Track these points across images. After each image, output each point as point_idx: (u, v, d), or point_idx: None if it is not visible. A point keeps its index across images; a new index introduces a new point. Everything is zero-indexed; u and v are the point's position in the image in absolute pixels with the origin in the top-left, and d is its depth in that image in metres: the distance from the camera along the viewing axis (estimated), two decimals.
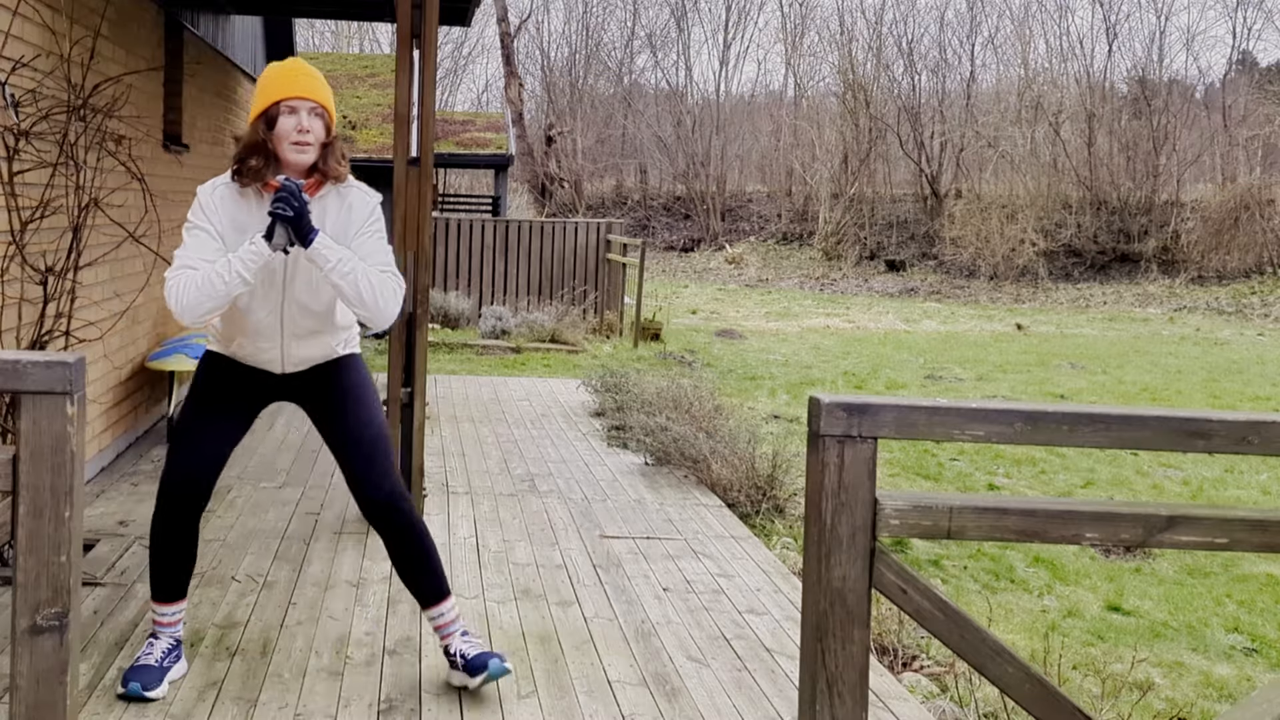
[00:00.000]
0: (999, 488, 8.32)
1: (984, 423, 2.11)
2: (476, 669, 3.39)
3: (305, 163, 3.23)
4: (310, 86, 3.24)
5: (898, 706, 3.55)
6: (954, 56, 34.02)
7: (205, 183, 3.32)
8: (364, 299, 3.16)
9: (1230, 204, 26.60)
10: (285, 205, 3.09)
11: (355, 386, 3.47)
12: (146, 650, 3.44)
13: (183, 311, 3.12)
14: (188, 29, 7.74)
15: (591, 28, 37.96)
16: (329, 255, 3.14)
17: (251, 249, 3.13)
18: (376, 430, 3.42)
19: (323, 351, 3.46)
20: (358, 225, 3.29)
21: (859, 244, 30.11)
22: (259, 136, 3.22)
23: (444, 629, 3.51)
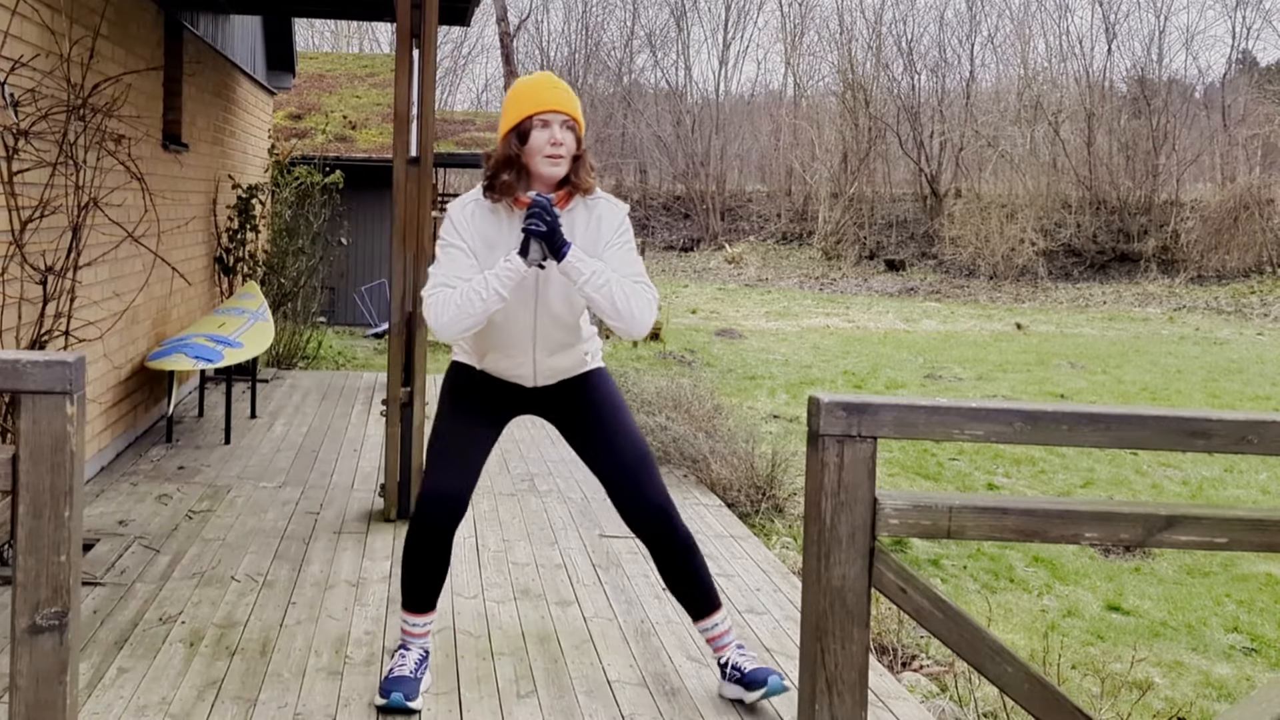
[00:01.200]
0: (998, 487, 8.32)
1: (983, 422, 2.11)
2: (755, 684, 3.35)
3: (558, 176, 3.20)
4: (562, 100, 3.21)
5: (897, 706, 3.55)
6: (953, 56, 34.06)
7: (455, 200, 3.31)
8: (619, 310, 3.14)
9: (1230, 204, 26.61)
10: (539, 221, 3.07)
11: (609, 400, 3.46)
12: (400, 662, 3.44)
13: (442, 329, 3.13)
14: (187, 29, 7.74)
15: (591, 27, 37.99)
16: (582, 268, 3.12)
17: (507, 266, 3.12)
18: (638, 443, 3.40)
19: (573, 363, 3.45)
20: (607, 236, 3.27)
21: (858, 243, 30.11)
22: (512, 151, 3.19)
23: (717, 641, 3.48)
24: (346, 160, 14.59)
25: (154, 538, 4.96)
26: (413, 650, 3.48)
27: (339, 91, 18.24)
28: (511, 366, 3.40)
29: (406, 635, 3.50)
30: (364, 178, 14.72)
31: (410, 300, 5.35)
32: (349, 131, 16.57)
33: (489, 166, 3.25)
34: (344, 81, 18.83)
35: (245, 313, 7.94)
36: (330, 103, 17.64)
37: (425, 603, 3.48)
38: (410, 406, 5.38)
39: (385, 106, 16.87)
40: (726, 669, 3.46)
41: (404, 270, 5.33)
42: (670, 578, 3.45)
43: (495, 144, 3.31)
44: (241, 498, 5.69)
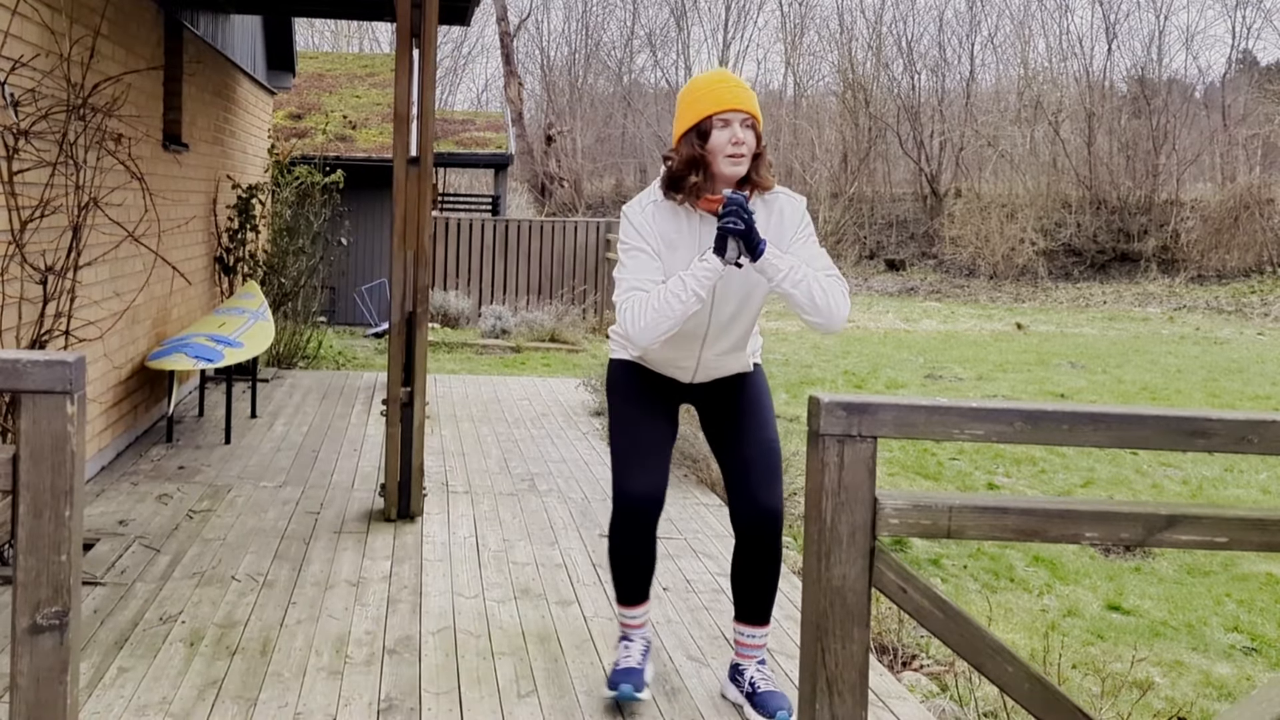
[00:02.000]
0: (999, 487, 8.32)
1: (984, 422, 2.11)
2: (764, 708, 3.33)
3: (739, 175, 3.18)
4: (742, 99, 3.19)
5: (897, 705, 3.55)
6: (953, 56, 34.03)
7: (630, 202, 3.29)
8: (817, 304, 3.11)
9: (1230, 203, 26.60)
10: (736, 219, 3.04)
11: (755, 401, 3.46)
12: (624, 653, 3.48)
13: (640, 334, 3.10)
14: (187, 28, 7.74)
15: (591, 27, 37.97)
16: (779, 265, 3.10)
17: (705, 266, 3.09)
18: (770, 447, 3.39)
19: (735, 365, 3.45)
20: (791, 231, 3.25)
21: (858, 243, 30.11)
22: (696, 151, 3.17)
23: (748, 649, 3.48)
24: (346, 160, 14.59)
25: (154, 537, 4.96)
26: (635, 641, 3.52)
27: (339, 91, 18.24)
28: (674, 360, 3.39)
29: (626, 628, 3.54)
30: (364, 177, 14.72)
31: (411, 300, 5.35)
32: (349, 131, 16.57)
33: (672, 167, 3.22)
34: (344, 81, 18.83)
35: (245, 312, 7.94)
36: (330, 102, 17.64)
37: (637, 595, 3.50)
38: (410, 406, 5.38)
39: (385, 106, 16.87)
40: (743, 678, 3.45)
41: (404, 270, 5.33)
42: (746, 578, 3.42)
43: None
44: (242, 497, 5.69)
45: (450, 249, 16.25)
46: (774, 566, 3.39)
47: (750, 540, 3.36)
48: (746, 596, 3.44)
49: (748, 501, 3.32)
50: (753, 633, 3.47)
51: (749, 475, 3.34)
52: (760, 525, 3.32)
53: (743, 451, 3.37)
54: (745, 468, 3.35)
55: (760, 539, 3.34)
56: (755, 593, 3.42)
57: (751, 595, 3.42)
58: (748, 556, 3.39)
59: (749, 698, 3.39)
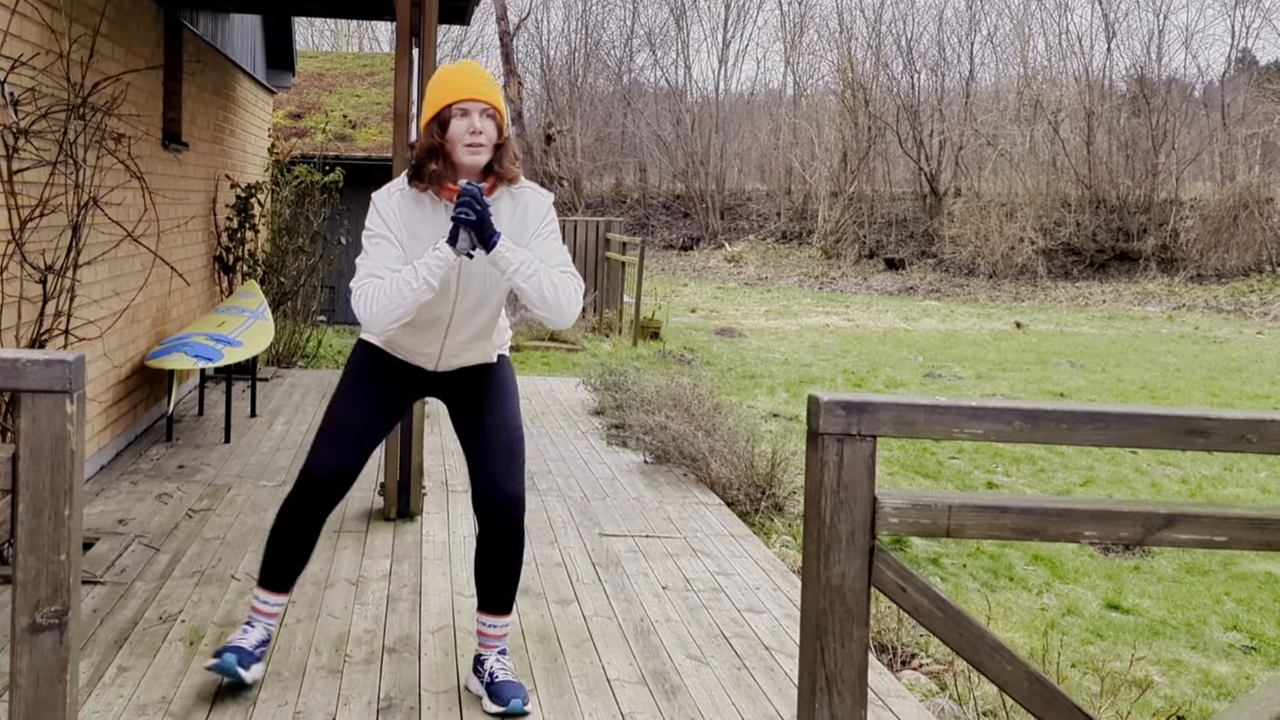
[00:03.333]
0: (998, 486, 8.33)
1: (983, 421, 2.11)
2: (498, 698, 3.34)
3: (479, 164, 3.20)
4: (482, 88, 3.21)
5: (897, 704, 3.55)
6: (953, 55, 34.02)
7: (379, 190, 3.30)
8: (546, 300, 3.15)
9: (1229, 202, 26.60)
10: (468, 210, 3.07)
11: (501, 388, 3.47)
12: (242, 634, 3.44)
13: (372, 320, 3.12)
14: (187, 27, 7.73)
15: (591, 26, 37.95)
16: (512, 258, 3.12)
17: (436, 254, 3.11)
18: (512, 435, 3.40)
19: (479, 355, 3.46)
20: (534, 226, 3.27)
21: (858, 242, 30.11)
22: (435, 140, 3.19)
23: (489, 639, 3.48)
24: (346, 159, 14.58)
25: (154, 536, 4.96)
26: (257, 628, 3.46)
27: (339, 90, 18.24)
28: (418, 347, 3.40)
29: (255, 612, 3.48)
30: (364, 176, 14.69)
31: None
32: (349, 130, 16.56)
33: (414, 156, 3.25)
34: (344, 80, 18.83)
35: (245, 311, 7.94)
36: (330, 101, 17.64)
37: (284, 582, 3.46)
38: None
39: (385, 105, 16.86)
40: (483, 668, 3.44)
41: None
42: (489, 566, 3.42)
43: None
44: (241, 496, 5.69)
45: None
46: (516, 554, 3.40)
47: (491, 527, 3.36)
48: (488, 585, 3.44)
49: (488, 488, 3.33)
50: (494, 622, 3.47)
51: (489, 462, 3.34)
52: (501, 512, 3.33)
53: (484, 440, 3.38)
54: (486, 455, 3.35)
55: (501, 526, 3.35)
56: (497, 581, 3.43)
57: (493, 584, 3.43)
58: (491, 546, 3.39)
59: (487, 688, 3.39)
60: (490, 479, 3.34)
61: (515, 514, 3.35)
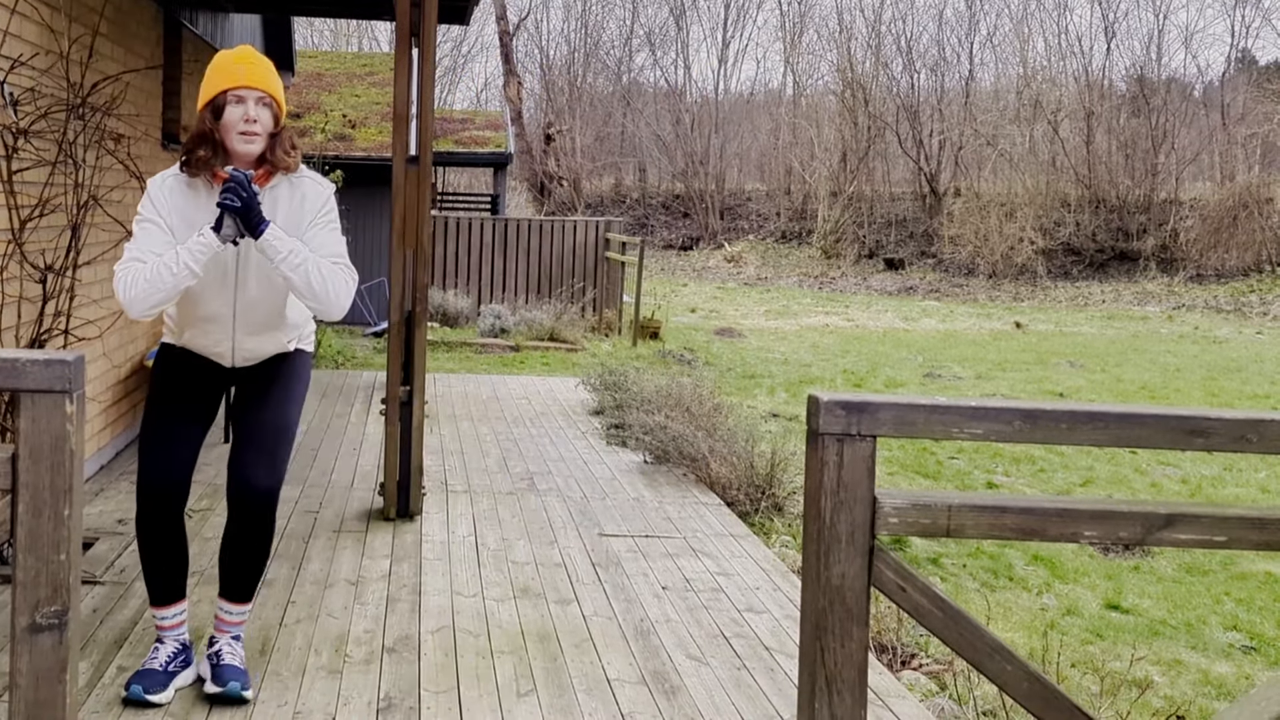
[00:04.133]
0: (998, 486, 8.33)
1: (983, 421, 2.11)
2: (219, 679, 3.33)
3: (253, 153, 3.20)
4: (257, 76, 3.21)
5: (897, 704, 3.55)
6: (953, 55, 34.04)
7: (154, 176, 3.29)
8: (314, 290, 3.15)
9: (1229, 202, 26.60)
10: (233, 196, 3.08)
11: (282, 380, 3.44)
12: (151, 655, 3.42)
13: (130, 303, 3.09)
14: (186, 27, 7.73)
15: (590, 26, 37.95)
16: (279, 247, 3.12)
17: (200, 240, 3.11)
18: (276, 423, 3.37)
19: (273, 346, 3.44)
20: (310, 216, 3.27)
21: (858, 242, 30.11)
22: (206, 126, 3.20)
23: (226, 625, 3.47)
24: (346, 159, 14.58)
25: None
26: (166, 644, 3.44)
27: (338, 90, 18.24)
28: (210, 344, 3.38)
29: (159, 629, 3.47)
30: (363, 176, 14.71)
31: (410, 299, 5.35)
32: (348, 130, 16.56)
33: (185, 142, 3.24)
34: (343, 80, 18.82)
35: None
36: (329, 101, 17.64)
37: (170, 593, 3.43)
38: (409, 405, 5.38)
39: (384, 105, 16.87)
40: (215, 651, 3.42)
41: (403, 269, 5.33)
42: (234, 555, 3.40)
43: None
44: None
45: (449, 248, 16.25)
46: (260, 544, 3.38)
47: (237, 515, 3.34)
48: (230, 572, 3.43)
49: (238, 476, 3.31)
50: (231, 609, 3.46)
51: (245, 451, 3.32)
52: (247, 501, 3.30)
53: (246, 427, 3.36)
54: (243, 443, 3.34)
55: (247, 517, 3.32)
56: (239, 569, 3.41)
57: (235, 571, 3.42)
58: (236, 534, 3.37)
59: (213, 669, 3.38)
60: (242, 469, 3.30)
61: (263, 506, 3.31)
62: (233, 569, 3.42)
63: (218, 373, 3.46)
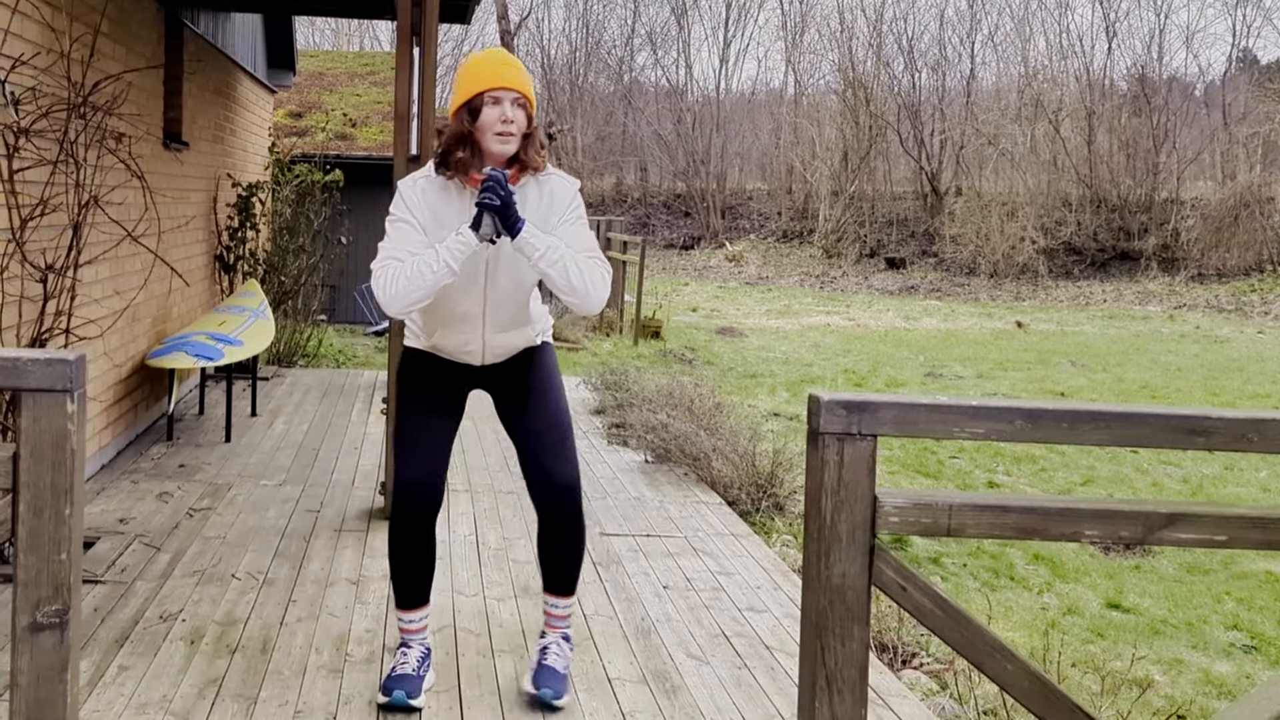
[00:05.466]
0: (999, 485, 8.32)
1: (984, 420, 2.11)
2: (538, 679, 3.37)
3: (508, 153, 3.20)
4: (513, 77, 3.21)
5: (897, 704, 3.55)
6: (954, 54, 34.02)
7: (405, 177, 3.31)
8: (574, 285, 3.15)
9: (1230, 202, 26.59)
10: (492, 195, 3.08)
11: (544, 373, 3.48)
12: (401, 659, 3.43)
13: (390, 301, 3.12)
14: (188, 26, 7.73)
15: (591, 25, 37.95)
16: (536, 244, 3.12)
17: (459, 239, 3.12)
18: (560, 415, 3.42)
19: (521, 341, 3.45)
20: (560, 212, 3.27)
21: (859, 242, 30.10)
22: (464, 128, 3.20)
23: (555, 620, 3.51)
24: (347, 158, 14.58)
25: (154, 536, 4.96)
26: (414, 648, 3.47)
27: (339, 89, 18.24)
28: (460, 344, 3.39)
29: (405, 633, 3.50)
30: (364, 176, 14.70)
31: None
32: (349, 129, 16.57)
33: (442, 143, 3.25)
34: (344, 79, 18.83)
35: (245, 311, 7.93)
36: (331, 101, 17.64)
37: (417, 598, 3.47)
38: None
39: (386, 104, 16.86)
40: (543, 646, 3.48)
41: None
42: (551, 551, 3.45)
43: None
44: (242, 496, 5.69)
45: None
46: (576, 537, 3.42)
47: (548, 514, 3.37)
48: (552, 569, 3.47)
49: (540, 474, 3.35)
50: (556, 602, 3.50)
51: (539, 448, 3.36)
52: (556, 496, 3.34)
53: (530, 425, 3.39)
54: (534, 441, 3.37)
55: (558, 511, 3.36)
56: (561, 563, 3.45)
57: (557, 566, 3.46)
58: (550, 530, 3.41)
59: (536, 667, 3.42)
60: (542, 470, 3.35)
61: (571, 500, 3.36)
62: (555, 564, 3.47)
63: (465, 373, 3.47)
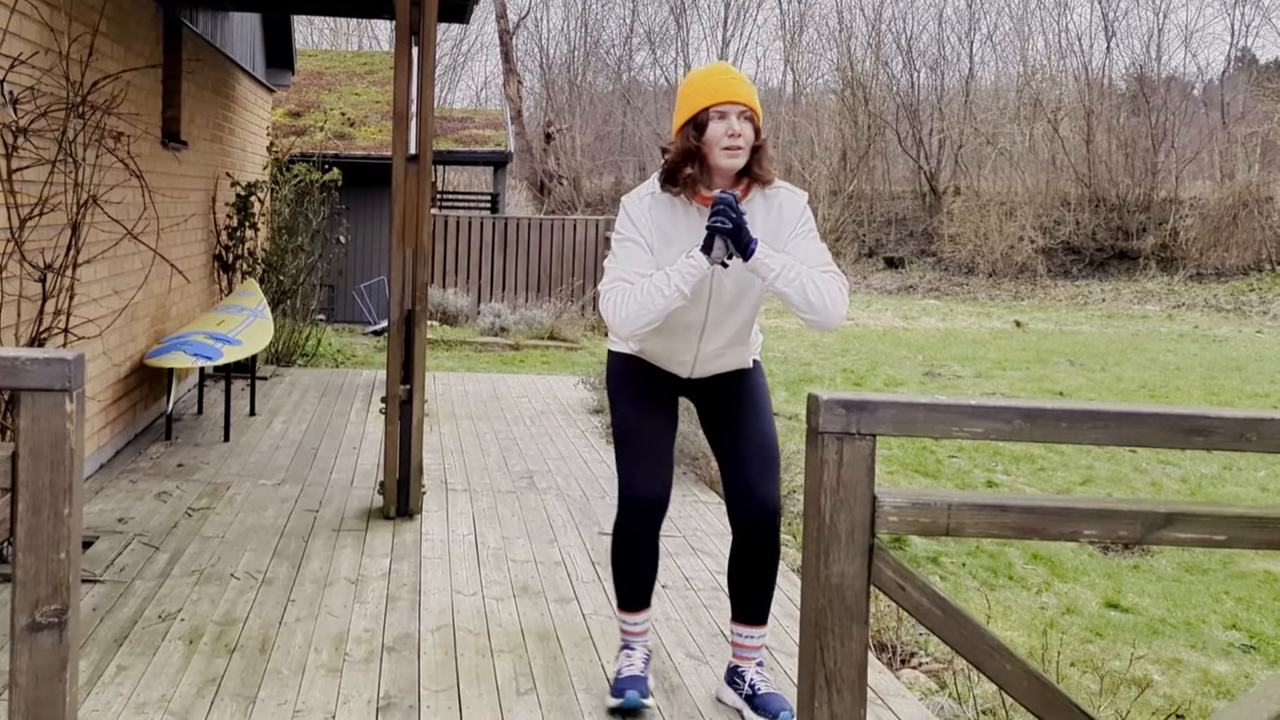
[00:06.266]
0: (997, 484, 8.33)
1: (982, 420, 2.11)
2: (765, 710, 3.29)
3: (736, 167, 3.15)
4: (739, 90, 3.16)
5: (896, 703, 3.55)
6: (953, 53, 34.03)
7: (629, 194, 3.27)
8: (811, 303, 3.07)
9: (1229, 201, 26.60)
10: (724, 219, 3.02)
11: (756, 394, 3.43)
12: (627, 662, 3.44)
13: (621, 324, 3.09)
14: (186, 26, 7.73)
15: (590, 25, 37.94)
16: (771, 264, 3.06)
17: (691, 263, 3.07)
18: (766, 443, 3.36)
19: (734, 362, 3.42)
20: (790, 227, 3.21)
21: (858, 241, 30.10)
22: (691, 144, 3.14)
23: (746, 651, 3.44)
24: (345, 158, 14.58)
25: (153, 535, 4.96)
26: (637, 649, 3.48)
27: (338, 89, 18.24)
28: (673, 354, 3.36)
29: (627, 635, 3.49)
30: (363, 175, 14.71)
31: (410, 297, 5.35)
32: (348, 129, 16.56)
33: (668, 160, 3.20)
34: (343, 79, 18.82)
35: (244, 310, 7.93)
36: (329, 100, 17.63)
37: (640, 601, 3.46)
38: (409, 404, 5.38)
39: (384, 104, 16.86)
40: (742, 680, 3.40)
41: (403, 267, 5.33)
42: (744, 577, 3.38)
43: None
44: (241, 495, 5.69)
45: (449, 247, 16.24)
46: (772, 564, 3.35)
47: (748, 537, 3.32)
48: (744, 596, 3.39)
49: (745, 497, 3.29)
50: (750, 633, 3.42)
51: (747, 471, 3.31)
52: (758, 521, 3.28)
53: (740, 447, 3.34)
54: (743, 464, 3.32)
55: (758, 535, 3.30)
56: (753, 592, 3.37)
57: (749, 594, 3.38)
58: (746, 554, 3.35)
59: (749, 700, 3.35)
60: (747, 488, 3.29)
61: (772, 523, 3.30)
62: (749, 591, 3.38)
63: (672, 382, 3.45)
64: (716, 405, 3.44)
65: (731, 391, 3.43)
